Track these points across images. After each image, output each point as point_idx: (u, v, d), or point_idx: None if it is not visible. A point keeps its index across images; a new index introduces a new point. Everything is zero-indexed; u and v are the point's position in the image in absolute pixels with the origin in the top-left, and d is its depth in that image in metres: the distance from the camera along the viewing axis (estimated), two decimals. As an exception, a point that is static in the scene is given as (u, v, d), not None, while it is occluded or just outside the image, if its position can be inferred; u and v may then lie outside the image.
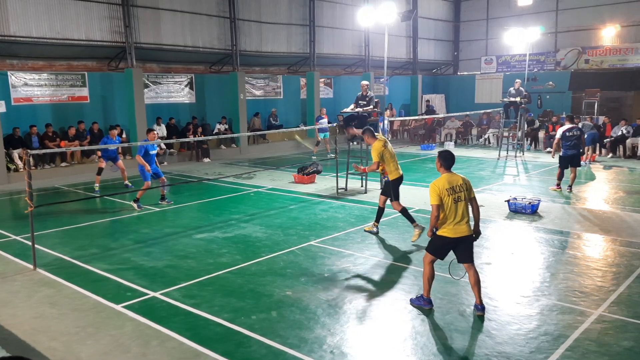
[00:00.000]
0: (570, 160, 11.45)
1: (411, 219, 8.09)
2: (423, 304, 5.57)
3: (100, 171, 12.68)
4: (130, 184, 12.73)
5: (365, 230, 8.51)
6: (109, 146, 11.70)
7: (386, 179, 8.24)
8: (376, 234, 8.39)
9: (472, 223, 5.50)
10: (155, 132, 11.20)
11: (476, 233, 5.48)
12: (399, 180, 8.22)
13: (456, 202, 5.29)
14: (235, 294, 6.10)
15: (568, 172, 11.60)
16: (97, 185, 12.63)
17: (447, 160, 5.44)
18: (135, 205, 10.67)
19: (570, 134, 11.39)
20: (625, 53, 24.27)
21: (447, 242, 5.41)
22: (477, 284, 5.44)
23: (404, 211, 8.14)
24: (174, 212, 10.50)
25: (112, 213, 10.52)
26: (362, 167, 9.10)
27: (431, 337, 4.99)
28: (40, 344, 4.98)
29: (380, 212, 8.39)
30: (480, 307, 5.42)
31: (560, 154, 11.57)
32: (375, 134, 8.58)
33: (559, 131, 11.70)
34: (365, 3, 21.76)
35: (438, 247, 5.48)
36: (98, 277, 6.76)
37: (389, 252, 7.59)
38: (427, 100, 26.43)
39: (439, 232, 5.39)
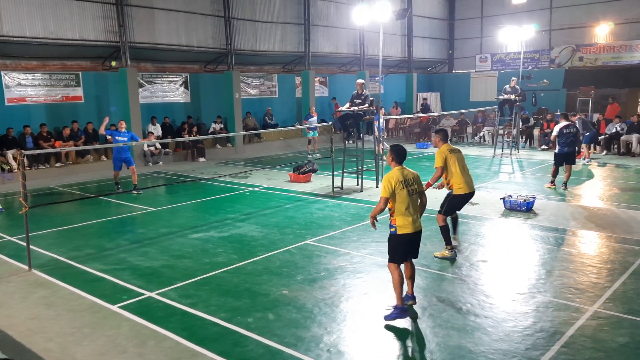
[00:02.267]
0: (565, 158, 11.46)
1: (448, 241, 7.14)
2: (400, 314, 5.24)
3: None
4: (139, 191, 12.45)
5: (436, 257, 7.16)
6: (116, 143, 11.31)
7: (450, 190, 7.21)
8: (454, 258, 7.11)
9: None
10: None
11: None
12: (465, 197, 7.17)
13: (411, 195, 5.26)
14: (232, 293, 6.10)
15: (562, 170, 11.64)
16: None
17: (399, 155, 5.42)
18: None
19: (567, 131, 11.35)
20: (619, 50, 24.38)
21: (407, 240, 5.30)
22: (412, 277, 5.53)
23: (445, 229, 7.13)
24: (170, 212, 10.48)
25: (108, 213, 10.48)
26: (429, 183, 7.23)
27: (428, 334, 5.00)
28: (36, 345, 4.97)
29: (445, 232, 7.16)
30: (411, 297, 5.48)
31: (556, 151, 11.59)
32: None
33: (556, 128, 11.66)
34: (360, 1, 21.74)
35: (399, 248, 5.33)
36: (94, 278, 6.74)
37: (385, 250, 7.57)
38: (424, 99, 26.49)
39: (399, 231, 5.26)
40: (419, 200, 5.41)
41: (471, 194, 7.24)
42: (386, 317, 5.29)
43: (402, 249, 5.33)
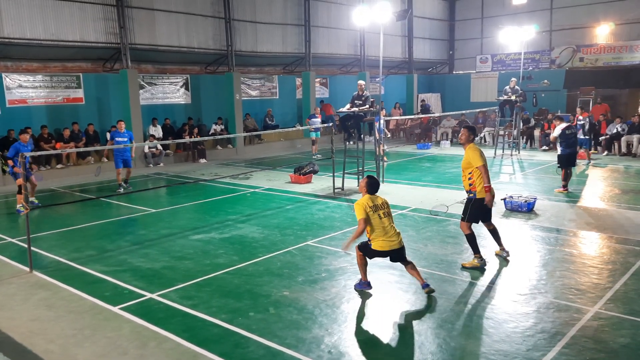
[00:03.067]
0: (568, 159, 11.35)
1: (476, 249, 6.77)
2: (364, 287, 6.06)
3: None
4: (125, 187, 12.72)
5: (464, 267, 6.76)
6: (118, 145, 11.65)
7: (472, 194, 6.74)
8: (484, 266, 6.79)
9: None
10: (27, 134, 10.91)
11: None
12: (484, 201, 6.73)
13: (381, 218, 5.80)
14: (233, 294, 6.10)
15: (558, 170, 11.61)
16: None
17: (372, 187, 6.01)
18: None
19: (569, 132, 11.26)
20: (620, 51, 24.37)
21: (381, 254, 5.90)
22: (414, 268, 6.00)
23: (472, 237, 6.77)
24: (171, 214, 10.48)
25: (109, 215, 10.49)
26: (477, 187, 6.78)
27: (429, 335, 5.00)
28: (37, 346, 4.97)
29: (471, 240, 6.82)
30: (425, 285, 5.92)
31: (559, 152, 11.43)
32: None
33: (557, 129, 11.40)
34: (360, 3, 21.76)
35: (371, 254, 5.97)
36: (95, 279, 6.75)
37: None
38: (422, 100, 26.52)
39: (374, 247, 5.83)
40: (393, 222, 5.95)
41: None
42: (355, 285, 6.17)
43: (376, 255, 5.97)
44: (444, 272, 6.68)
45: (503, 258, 7.16)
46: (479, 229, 8.38)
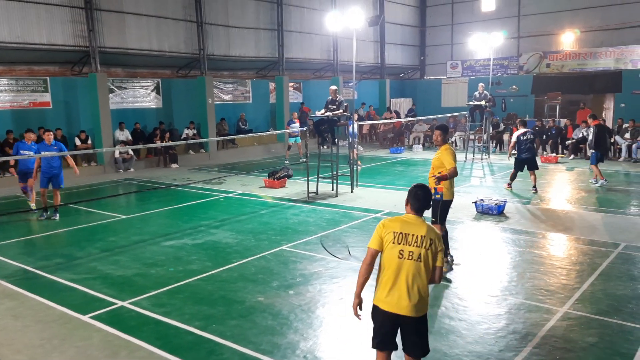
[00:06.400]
0: (525, 163, 11.96)
1: (446, 247, 7.01)
2: None
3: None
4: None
5: None
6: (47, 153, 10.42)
7: (439, 195, 6.75)
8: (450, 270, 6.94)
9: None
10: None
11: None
12: (450, 204, 7.04)
13: (401, 258, 3.59)
14: (206, 301, 6.03)
15: (526, 174, 12.10)
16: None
17: (417, 201, 3.73)
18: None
19: (525, 138, 11.96)
20: (584, 57, 25.09)
21: (385, 317, 3.66)
22: None
23: (445, 237, 6.90)
24: (142, 220, 10.30)
25: (77, 221, 10.24)
26: (439, 173, 6.68)
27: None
28: (3, 357, 4.81)
29: (444, 239, 6.89)
30: None
31: (515, 156, 12.18)
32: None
33: (514, 135, 12.30)
34: (332, 8, 21.89)
35: (378, 326, 3.74)
36: (63, 288, 6.58)
37: (360, 255, 7.60)
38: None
39: (374, 301, 3.76)
40: (421, 274, 3.58)
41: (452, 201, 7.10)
42: None
43: (384, 326, 3.71)
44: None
45: (447, 263, 6.99)
46: (450, 232, 8.48)
